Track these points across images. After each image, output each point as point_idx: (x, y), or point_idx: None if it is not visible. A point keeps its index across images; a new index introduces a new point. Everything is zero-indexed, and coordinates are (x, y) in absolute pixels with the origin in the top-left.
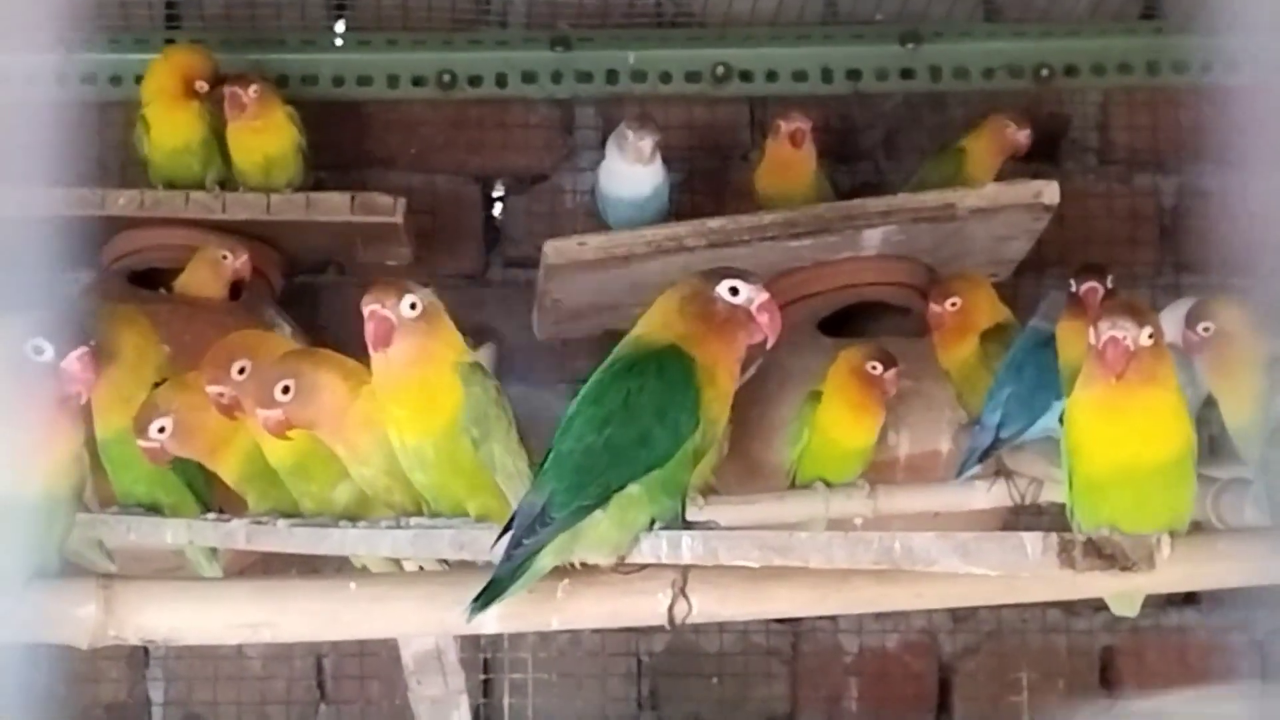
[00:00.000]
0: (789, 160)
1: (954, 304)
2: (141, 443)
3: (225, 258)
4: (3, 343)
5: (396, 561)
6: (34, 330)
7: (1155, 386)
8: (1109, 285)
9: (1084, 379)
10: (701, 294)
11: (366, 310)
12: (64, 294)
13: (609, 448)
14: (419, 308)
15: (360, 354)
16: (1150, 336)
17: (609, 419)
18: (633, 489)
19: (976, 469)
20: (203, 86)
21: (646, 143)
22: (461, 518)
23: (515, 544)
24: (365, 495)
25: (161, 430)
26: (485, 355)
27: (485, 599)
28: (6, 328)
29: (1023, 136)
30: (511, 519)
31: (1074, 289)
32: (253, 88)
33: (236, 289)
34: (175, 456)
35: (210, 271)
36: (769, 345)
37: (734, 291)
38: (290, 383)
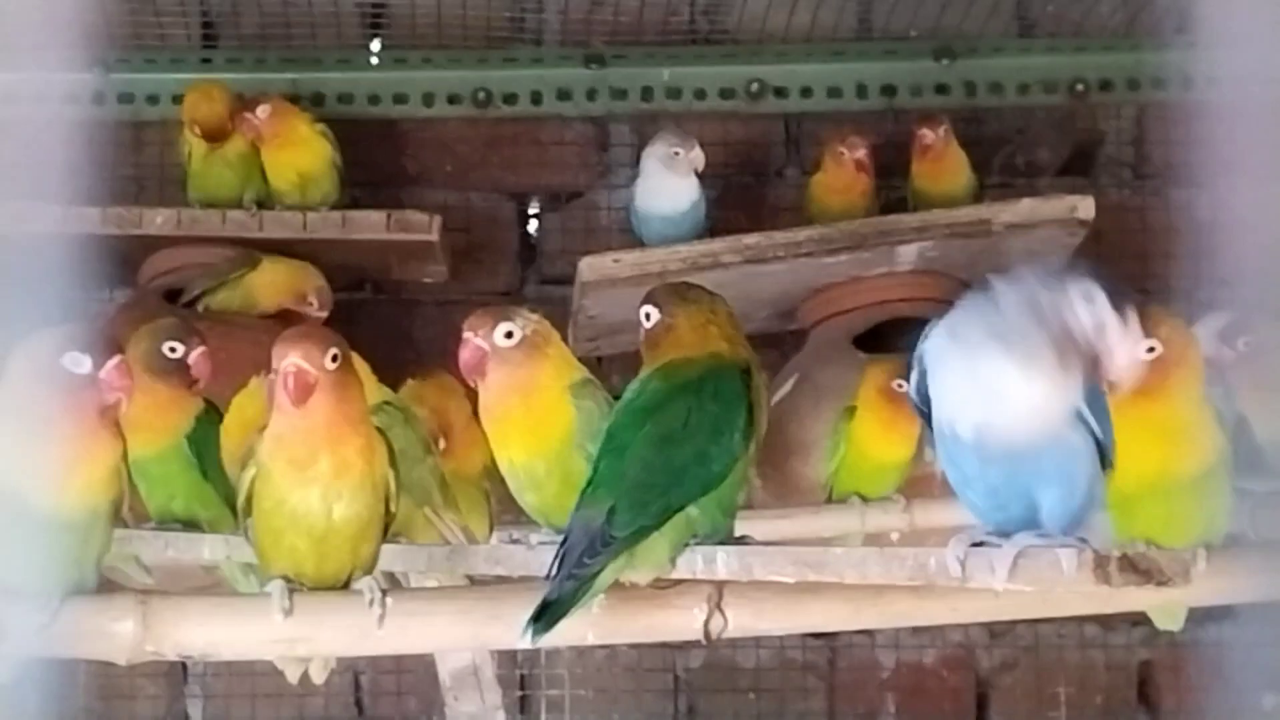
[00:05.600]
0: (852, 182)
1: None
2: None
3: (312, 304)
4: (40, 356)
5: (391, 577)
6: (70, 343)
7: (1173, 399)
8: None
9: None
10: (732, 311)
11: (464, 336)
12: (100, 311)
13: (669, 467)
14: (516, 336)
15: (390, 372)
16: (1150, 350)
17: (669, 438)
18: (691, 510)
19: None
20: (195, 129)
21: (697, 154)
22: None
23: (577, 564)
24: (410, 515)
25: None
26: None
27: (549, 619)
28: (43, 342)
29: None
30: (565, 537)
31: None
32: (260, 108)
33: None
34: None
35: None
36: None
37: None
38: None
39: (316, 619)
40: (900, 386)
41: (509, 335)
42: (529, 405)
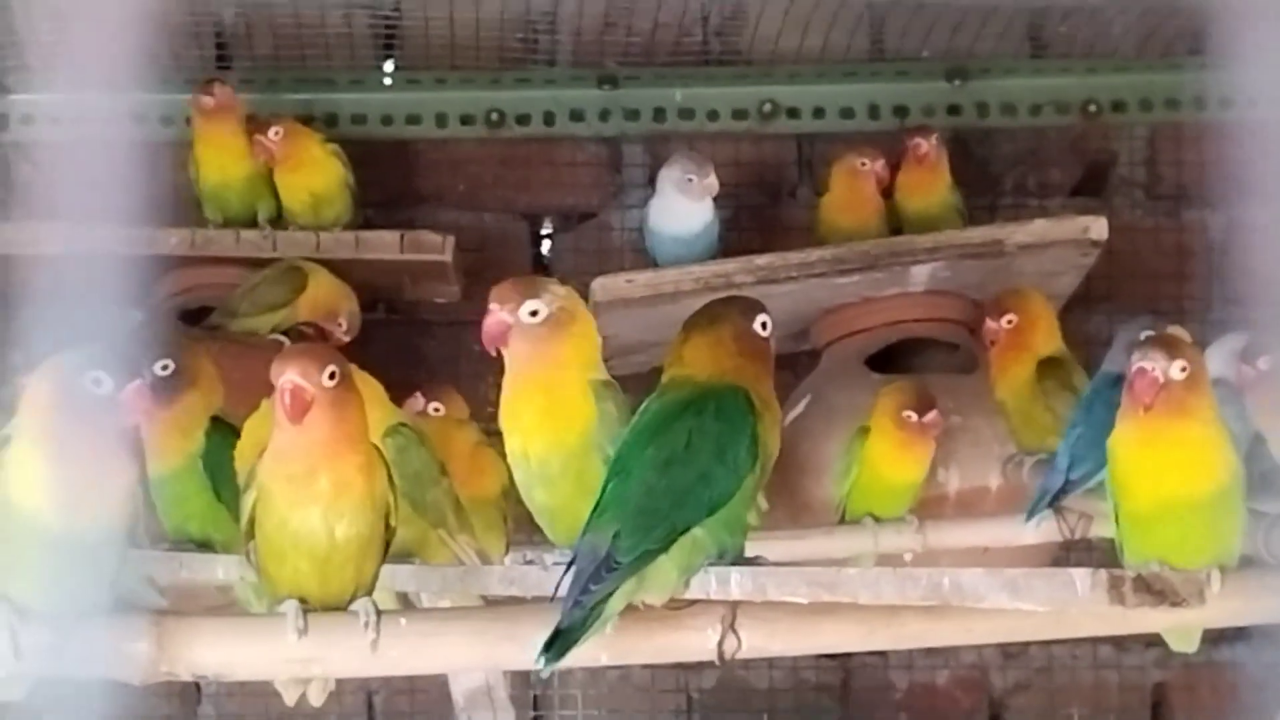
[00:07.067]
0: (863, 203)
1: (1010, 321)
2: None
3: (340, 324)
4: (61, 376)
5: (404, 597)
6: (92, 363)
7: (1189, 419)
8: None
9: (1121, 414)
10: (747, 330)
11: (489, 307)
12: (117, 331)
13: (672, 489)
14: (541, 314)
15: (410, 393)
16: (1183, 370)
17: (671, 460)
18: (697, 531)
19: (1047, 513)
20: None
21: (712, 181)
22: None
23: (583, 590)
24: (424, 536)
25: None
26: None
27: (559, 649)
28: (64, 362)
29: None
30: (571, 562)
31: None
32: (273, 130)
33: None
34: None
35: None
36: None
37: (764, 326)
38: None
39: (330, 639)
40: (910, 418)
41: (534, 314)
42: (550, 391)
